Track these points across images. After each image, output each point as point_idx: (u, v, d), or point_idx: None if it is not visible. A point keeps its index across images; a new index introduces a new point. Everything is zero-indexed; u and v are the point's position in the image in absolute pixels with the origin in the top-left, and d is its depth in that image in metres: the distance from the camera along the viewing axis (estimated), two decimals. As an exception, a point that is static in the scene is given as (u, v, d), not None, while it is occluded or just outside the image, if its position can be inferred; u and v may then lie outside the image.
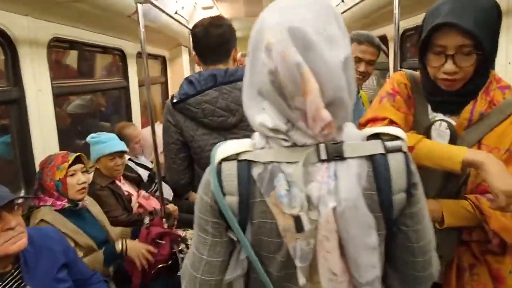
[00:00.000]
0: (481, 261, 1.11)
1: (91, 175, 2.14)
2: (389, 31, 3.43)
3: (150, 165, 2.78)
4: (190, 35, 1.62)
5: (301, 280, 0.70)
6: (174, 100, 1.48)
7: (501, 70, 1.91)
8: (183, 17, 3.49)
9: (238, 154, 0.72)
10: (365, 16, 3.34)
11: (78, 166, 1.72)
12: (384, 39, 3.61)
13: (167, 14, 2.67)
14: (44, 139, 2.02)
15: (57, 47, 2.37)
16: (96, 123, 3.24)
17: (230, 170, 0.72)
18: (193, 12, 4.04)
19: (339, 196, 0.66)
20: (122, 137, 2.44)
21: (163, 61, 4.61)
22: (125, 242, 1.74)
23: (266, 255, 0.74)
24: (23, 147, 1.93)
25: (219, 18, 1.55)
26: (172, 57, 4.78)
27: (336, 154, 0.68)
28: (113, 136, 2.24)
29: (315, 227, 0.67)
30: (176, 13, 3.28)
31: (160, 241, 1.94)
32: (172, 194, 2.93)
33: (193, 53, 1.63)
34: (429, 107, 1.18)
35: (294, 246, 0.69)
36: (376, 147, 0.70)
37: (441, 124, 1.12)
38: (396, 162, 0.70)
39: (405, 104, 1.19)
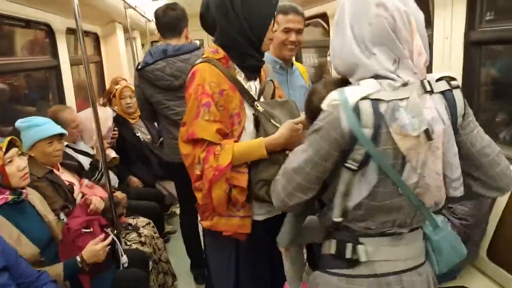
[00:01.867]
0: None
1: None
2: (329, 8, 3.48)
3: (91, 151, 2.56)
4: (126, 10, 1.95)
5: (414, 178, 0.96)
6: (139, 67, 2.09)
7: (438, 44, 2.04)
8: (117, -11, 3.21)
9: (369, 95, 0.91)
10: (306, -8, 3.35)
11: (13, 151, 1.51)
12: (324, 16, 3.67)
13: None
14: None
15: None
16: (17, 108, 2.88)
17: (367, 107, 0.91)
18: (128, -15, 3.74)
19: (442, 118, 0.93)
20: (57, 122, 2.20)
21: (95, 38, 4.23)
22: (81, 256, 1.59)
23: (381, 177, 0.96)
24: None
25: (174, 4, 2.11)
26: (106, 34, 4.41)
27: (431, 89, 0.94)
28: (47, 119, 2.00)
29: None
30: (109, -16, 3.01)
31: (87, 230, 1.78)
32: (118, 181, 2.76)
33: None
34: (242, 79, 1.38)
35: (417, 159, 0.93)
36: (445, 85, 0.96)
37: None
38: (458, 96, 0.97)
39: (222, 104, 1.31)
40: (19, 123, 1.92)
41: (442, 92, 0.95)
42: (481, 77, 1.95)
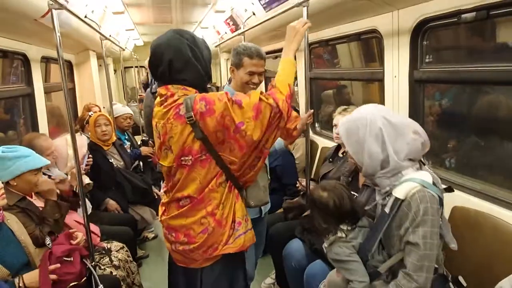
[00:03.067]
0: None
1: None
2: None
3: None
4: (102, 41, 1.84)
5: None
6: (153, 91, 2.44)
7: (388, 81, 2.31)
8: (93, 21, 3.34)
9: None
10: (274, 29, 3.63)
11: None
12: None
13: (79, 18, 2.56)
14: None
15: None
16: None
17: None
18: (104, 16, 3.88)
19: None
20: (32, 148, 2.25)
21: (69, 65, 4.30)
22: (22, 278, 1.59)
23: None
24: None
25: None
26: (79, 62, 4.49)
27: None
28: (30, 150, 2.04)
29: None
30: (86, 17, 3.14)
31: (68, 259, 1.83)
32: (91, 207, 2.80)
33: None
34: None
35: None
36: None
37: None
38: None
39: None
40: (1, 151, 1.95)
41: None
42: (425, 109, 2.22)
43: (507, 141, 1.88)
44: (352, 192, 2.03)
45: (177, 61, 1.48)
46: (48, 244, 1.86)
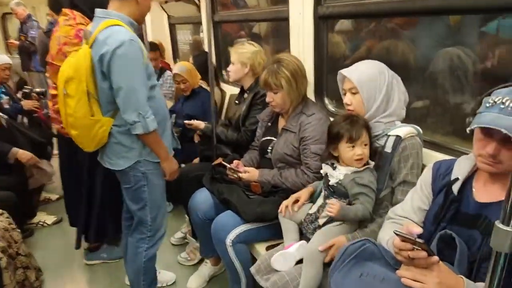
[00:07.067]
0: None
1: None
2: (200, -17, 3.45)
3: None
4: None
5: None
6: (45, 31, 2.81)
7: (293, 19, 2.22)
8: None
9: None
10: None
11: None
12: (195, -8, 3.63)
13: None
14: None
15: None
16: None
17: None
18: None
19: None
20: None
21: None
22: None
23: None
24: None
25: None
26: None
27: None
28: None
29: None
30: None
31: None
32: None
33: None
34: None
35: None
36: None
37: None
38: None
39: None
40: None
41: None
42: (328, 47, 2.19)
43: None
44: (271, 137, 1.99)
45: None
46: None
